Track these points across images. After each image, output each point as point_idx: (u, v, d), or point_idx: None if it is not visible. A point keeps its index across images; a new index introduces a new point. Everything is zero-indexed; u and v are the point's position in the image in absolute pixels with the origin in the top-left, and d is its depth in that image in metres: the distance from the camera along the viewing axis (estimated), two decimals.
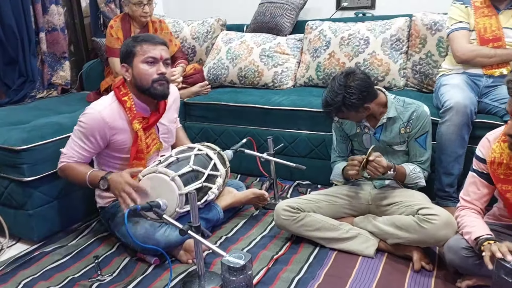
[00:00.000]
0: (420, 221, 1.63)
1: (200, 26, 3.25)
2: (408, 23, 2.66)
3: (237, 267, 1.34)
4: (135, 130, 1.80)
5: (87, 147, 1.79)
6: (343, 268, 1.69)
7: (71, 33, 3.20)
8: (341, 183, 1.95)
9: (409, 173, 1.82)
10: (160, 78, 1.79)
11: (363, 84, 1.72)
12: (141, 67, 1.77)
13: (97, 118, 1.75)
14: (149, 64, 1.77)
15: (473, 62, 2.14)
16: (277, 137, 2.48)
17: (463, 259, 1.47)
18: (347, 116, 1.80)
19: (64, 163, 1.81)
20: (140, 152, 1.83)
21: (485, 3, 2.13)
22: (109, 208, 1.89)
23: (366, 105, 1.75)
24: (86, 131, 1.77)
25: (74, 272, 1.74)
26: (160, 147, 1.94)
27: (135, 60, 1.77)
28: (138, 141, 1.81)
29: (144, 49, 1.76)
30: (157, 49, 1.78)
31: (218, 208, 1.95)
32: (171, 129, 2.02)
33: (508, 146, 1.41)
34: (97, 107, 1.79)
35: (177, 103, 2.09)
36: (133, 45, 1.78)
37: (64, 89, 3.04)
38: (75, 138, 1.80)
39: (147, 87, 1.78)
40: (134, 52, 1.77)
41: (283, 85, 2.88)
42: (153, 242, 1.68)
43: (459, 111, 1.92)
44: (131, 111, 1.80)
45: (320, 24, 2.90)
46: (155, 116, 1.87)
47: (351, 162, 1.76)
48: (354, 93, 1.69)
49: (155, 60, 1.77)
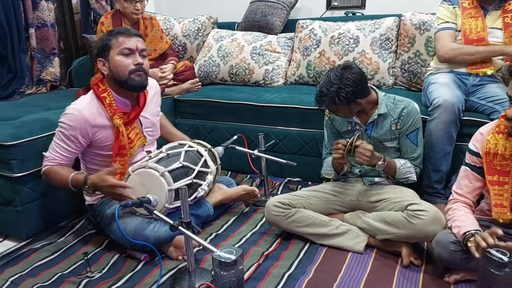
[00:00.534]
0: (409, 217, 1.65)
1: (191, 24, 3.25)
2: (397, 23, 2.68)
3: (229, 262, 1.34)
4: (116, 126, 1.78)
5: (70, 148, 1.77)
6: (333, 264, 1.70)
7: (61, 29, 3.17)
8: (332, 175, 1.96)
9: (399, 167, 1.83)
10: (137, 69, 1.77)
11: (359, 79, 1.74)
12: (117, 59, 1.75)
13: (78, 117, 1.74)
14: (125, 56, 1.76)
15: (456, 60, 2.18)
16: (268, 134, 2.48)
17: (451, 253, 1.49)
18: (338, 110, 1.80)
19: (47, 166, 1.79)
20: (122, 148, 1.81)
21: (473, 4, 2.17)
22: (98, 205, 1.88)
23: (359, 100, 1.77)
24: (67, 131, 1.75)
25: (63, 269, 1.73)
26: (144, 141, 1.92)
27: (111, 53, 1.76)
28: (120, 136, 1.79)
29: (119, 41, 1.75)
30: (132, 40, 1.77)
31: (208, 204, 1.95)
32: (154, 122, 2.00)
33: (509, 131, 1.43)
34: (77, 106, 1.77)
35: (159, 96, 2.07)
36: (108, 39, 1.77)
37: (53, 86, 3.01)
38: (57, 140, 1.78)
39: (124, 78, 1.76)
40: (110, 45, 1.76)
41: (274, 82, 2.89)
42: (143, 238, 1.68)
43: (447, 109, 1.95)
44: (111, 107, 1.79)
45: (310, 23, 2.92)
46: (135, 110, 1.85)
47: (336, 146, 1.77)
48: (349, 85, 1.71)
49: (131, 51, 1.76)
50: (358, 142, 1.72)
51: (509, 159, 1.45)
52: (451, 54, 2.17)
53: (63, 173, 1.76)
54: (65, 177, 1.74)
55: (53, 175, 1.77)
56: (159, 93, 2.09)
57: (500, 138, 1.46)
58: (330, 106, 1.79)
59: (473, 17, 2.15)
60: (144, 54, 1.82)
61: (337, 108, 1.79)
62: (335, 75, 1.74)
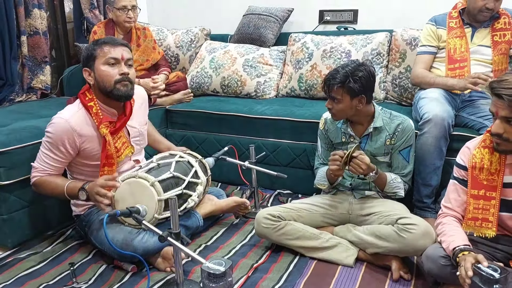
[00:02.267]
0: (399, 231, 1.65)
1: (184, 35, 3.26)
2: (389, 38, 2.72)
3: (217, 273, 1.33)
4: (103, 135, 1.76)
5: (58, 157, 1.75)
6: (322, 277, 1.69)
7: (53, 37, 3.16)
8: (325, 186, 1.95)
9: (389, 181, 1.84)
10: (123, 79, 1.75)
11: (370, 76, 1.78)
12: (102, 68, 1.74)
13: (65, 127, 1.72)
14: (110, 66, 1.75)
15: (421, 86, 2.31)
16: (259, 146, 2.48)
17: (441, 268, 1.48)
18: (343, 99, 1.78)
19: (36, 177, 1.77)
20: (109, 157, 1.79)
21: (459, 24, 2.22)
22: (85, 215, 1.85)
23: (362, 97, 1.77)
24: (54, 141, 1.73)
25: (48, 279, 1.69)
26: (131, 150, 1.90)
27: (96, 63, 1.75)
28: (107, 146, 1.77)
29: (104, 51, 1.74)
30: (117, 49, 1.75)
31: (198, 215, 1.94)
32: (142, 131, 1.98)
33: (494, 146, 1.44)
34: (64, 115, 1.75)
35: (146, 105, 2.06)
36: (93, 48, 1.76)
37: (44, 94, 2.99)
38: (44, 150, 1.76)
39: (110, 88, 1.75)
40: (95, 55, 1.75)
41: (265, 95, 2.90)
42: (131, 248, 1.66)
43: (437, 124, 1.97)
44: (97, 116, 1.77)
45: (303, 37, 2.94)
46: (122, 119, 1.84)
47: (333, 157, 1.76)
48: (363, 72, 1.76)
49: (116, 61, 1.75)
50: (356, 153, 1.72)
51: (495, 174, 1.46)
52: (416, 81, 2.33)
53: (58, 182, 1.75)
54: (60, 186, 1.74)
55: (46, 185, 1.76)
56: (147, 102, 2.08)
57: (486, 153, 1.48)
58: (337, 89, 1.76)
59: (458, 37, 2.20)
60: (130, 64, 1.81)
61: (342, 96, 1.77)
62: (352, 62, 1.81)
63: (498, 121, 1.37)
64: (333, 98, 1.81)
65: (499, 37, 2.15)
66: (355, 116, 1.85)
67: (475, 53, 2.19)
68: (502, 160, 1.46)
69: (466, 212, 1.52)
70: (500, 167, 1.46)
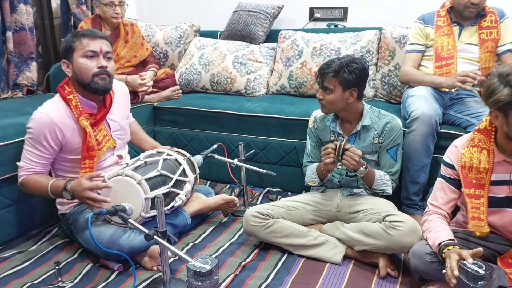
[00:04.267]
0: (387, 228, 1.66)
1: (173, 31, 3.24)
2: (378, 36, 2.72)
3: (203, 272, 1.31)
4: (83, 127, 1.75)
5: (41, 153, 1.73)
6: (310, 275, 1.69)
7: (39, 33, 3.11)
8: (316, 183, 1.95)
9: (377, 178, 1.84)
10: (101, 72, 1.74)
11: (364, 71, 1.80)
12: (80, 61, 1.72)
13: (45, 121, 1.70)
14: (88, 58, 1.73)
15: (410, 84, 2.31)
16: (248, 143, 2.47)
17: (427, 264, 1.49)
18: (335, 89, 1.78)
19: (23, 176, 1.75)
20: (91, 149, 1.78)
21: (447, 22, 2.23)
22: (71, 213, 1.83)
23: (354, 90, 1.78)
24: (36, 136, 1.71)
25: (33, 279, 1.67)
26: (113, 144, 1.88)
27: (74, 55, 1.73)
28: (87, 137, 1.76)
29: (83, 44, 1.72)
30: (96, 42, 1.73)
31: (186, 213, 1.92)
32: (123, 125, 1.97)
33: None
34: (44, 109, 1.73)
35: (128, 99, 2.05)
36: (72, 40, 1.73)
37: (30, 90, 2.94)
38: (28, 148, 1.74)
39: (88, 81, 1.74)
40: (73, 47, 1.72)
41: (255, 92, 2.88)
42: (117, 247, 1.64)
43: (424, 121, 1.97)
44: (77, 108, 1.76)
45: (293, 34, 2.94)
46: (102, 111, 1.82)
47: (326, 151, 1.75)
48: (358, 64, 1.78)
49: (94, 53, 1.73)
50: (348, 145, 1.72)
51: (484, 172, 1.47)
52: (405, 78, 2.34)
53: (42, 181, 1.73)
54: (44, 184, 1.72)
55: (32, 184, 1.74)
56: (128, 96, 2.07)
57: (475, 152, 1.49)
58: (331, 78, 1.77)
59: (446, 35, 2.21)
60: (109, 57, 1.79)
61: (334, 86, 1.77)
62: (348, 56, 1.84)
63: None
64: (325, 88, 1.81)
65: (486, 35, 2.16)
66: (344, 111, 1.85)
67: (462, 51, 2.20)
68: (491, 158, 1.47)
69: (467, 212, 1.51)
70: (489, 165, 1.47)
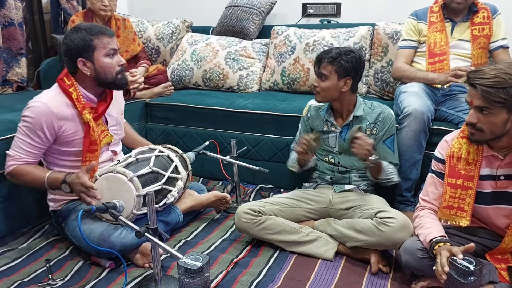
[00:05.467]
0: (378, 224, 1.66)
1: (165, 27, 3.21)
2: (371, 32, 2.72)
3: (194, 269, 1.31)
4: (86, 121, 1.74)
5: (35, 143, 1.71)
6: (302, 271, 1.69)
7: (29, 29, 3.08)
8: (296, 168, 1.98)
9: (385, 167, 1.84)
10: (122, 69, 1.80)
11: (360, 62, 1.83)
12: (104, 60, 1.74)
13: (43, 110, 1.69)
14: (110, 57, 1.75)
15: (402, 81, 2.31)
16: (241, 140, 2.47)
17: (418, 260, 1.50)
18: (331, 76, 1.81)
19: (13, 166, 1.72)
20: (93, 143, 1.77)
21: (439, 18, 2.23)
22: (62, 210, 1.82)
23: (350, 78, 1.80)
24: (32, 125, 1.69)
25: (23, 276, 1.66)
26: (110, 139, 1.87)
27: (96, 54, 1.72)
28: (90, 132, 1.75)
29: (104, 43, 1.73)
30: (113, 40, 1.78)
31: (178, 210, 1.92)
32: (119, 121, 1.97)
33: (468, 136, 1.46)
34: (41, 98, 1.72)
35: (121, 94, 2.05)
36: (90, 39, 1.72)
37: (20, 87, 2.91)
38: (21, 136, 1.72)
39: (112, 80, 1.77)
40: (94, 46, 1.72)
41: (248, 88, 2.87)
42: (108, 244, 1.63)
43: (416, 118, 1.98)
44: (80, 101, 1.75)
45: (286, 30, 2.93)
46: (103, 105, 1.82)
47: (300, 140, 1.80)
48: (355, 54, 1.81)
49: (115, 52, 1.77)
50: (359, 134, 1.72)
51: (473, 164, 1.48)
52: (397, 74, 2.34)
53: (37, 173, 1.71)
54: (40, 176, 1.70)
55: (24, 174, 1.71)
56: (121, 93, 2.06)
57: (464, 143, 1.50)
58: (327, 65, 1.81)
59: (439, 31, 2.22)
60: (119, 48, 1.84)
61: (330, 73, 1.81)
62: (345, 47, 1.88)
63: (472, 111, 1.40)
64: (321, 74, 1.83)
65: (478, 31, 2.17)
66: (338, 101, 1.87)
67: (454, 48, 2.21)
68: (480, 151, 1.48)
69: (442, 200, 1.54)
70: (478, 157, 1.48)
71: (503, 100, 1.31)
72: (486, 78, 1.32)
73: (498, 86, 1.30)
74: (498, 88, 1.30)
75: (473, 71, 1.38)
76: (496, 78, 1.31)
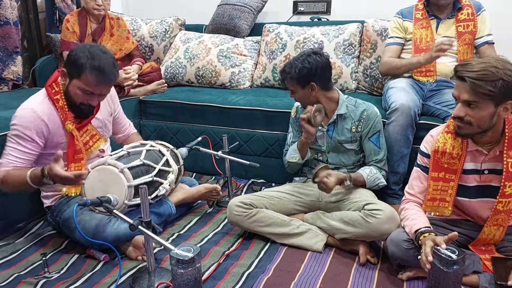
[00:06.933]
0: (366, 216, 1.70)
1: (158, 25, 3.24)
2: (360, 29, 2.76)
3: (186, 259, 1.35)
4: (69, 131, 1.75)
5: (27, 149, 1.70)
6: (292, 263, 1.73)
7: (24, 27, 3.10)
8: (297, 159, 1.99)
9: (367, 178, 1.89)
10: (88, 105, 1.75)
11: (320, 65, 1.85)
12: (76, 91, 1.71)
13: (31, 116, 1.69)
14: (84, 93, 1.71)
15: (389, 74, 2.36)
16: (233, 136, 2.51)
17: (404, 251, 1.54)
18: (295, 90, 1.90)
19: (2, 172, 1.68)
20: (78, 152, 1.78)
21: (424, 15, 2.27)
22: (56, 206, 1.85)
23: (313, 84, 1.85)
24: (22, 133, 1.68)
25: (19, 270, 1.69)
26: (103, 142, 1.91)
27: (74, 81, 1.69)
28: (74, 141, 1.75)
29: (89, 81, 1.67)
30: (98, 88, 1.71)
31: (170, 202, 1.96)
32: (106, 123, 1.97)
33: (455, 131, 1.50)
34: (28, 105, 1.72)
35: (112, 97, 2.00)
36: (83, 66, 1.66)
37: (16, 85, 2.94)
38: (11, 145, 1.70)
39: (74, 104, 1.75)
40: (79, 74, 1.67)
41: (240, 85, 2.91)
42: (102, 237, 1.67)
43: (403, 113, 2.02)
44: (63, 110, 1.75)
45: (277, 27, 2.97)
46: None
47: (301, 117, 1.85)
48: (309, 66, 1.84)
49: (92, 95, 1.72)
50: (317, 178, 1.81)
51: (457, 158, 1.52)
52: (384, 68, 2.37)
53: (19, 173, 1.68)
54: (23, 175, 1.66)
55: (11, 178, 1.68)
56: (113, 93, 2.02)
57: (449, 138, 1.54)
58: (289, 83, 1.90)
59: (424, 28, 2.25)
60: (104, 94, 1.78)
61: (293, 87, 1.90)
62: (303, 53, 1.89)
63: (460, 105, 1.42)
64: (290, 91, 1.93)
65: (463, 27, 2.21)
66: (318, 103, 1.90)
67: None
68: (464, 146, 1.51)
69: (426, 194, 1.58)
70: (462, 152, 1.51)
71: (491, 92, 1.34)
72: (474, 71, 1.35)
73: (486, 79, 1.33)
74: (486, 81, 1.33)
75: (461, 64, 1.41)
76: (484, 71, 1.34)
